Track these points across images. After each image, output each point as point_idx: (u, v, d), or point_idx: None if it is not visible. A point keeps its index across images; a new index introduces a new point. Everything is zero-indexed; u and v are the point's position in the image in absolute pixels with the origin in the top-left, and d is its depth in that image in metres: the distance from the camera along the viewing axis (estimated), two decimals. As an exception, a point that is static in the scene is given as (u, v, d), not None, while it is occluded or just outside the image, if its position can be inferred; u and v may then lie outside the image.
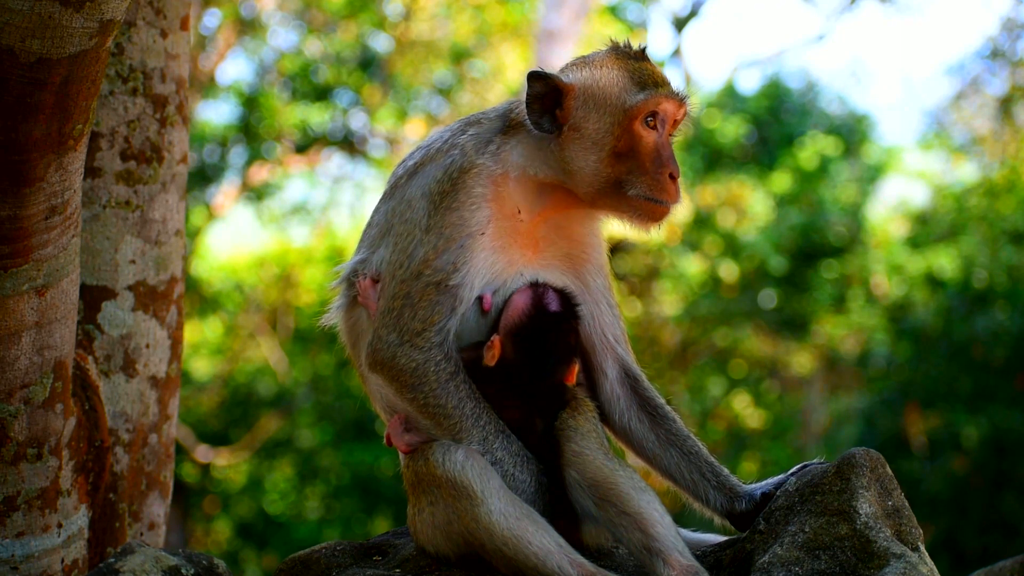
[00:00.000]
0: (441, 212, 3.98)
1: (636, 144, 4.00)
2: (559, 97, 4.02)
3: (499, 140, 4.09)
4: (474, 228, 3.98)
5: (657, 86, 4.03)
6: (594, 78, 4.04)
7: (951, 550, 15.80)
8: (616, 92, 4.01)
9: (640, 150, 4.00)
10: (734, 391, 22.02)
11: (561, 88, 4.02)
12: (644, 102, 3.99)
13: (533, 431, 3.99)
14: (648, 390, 4.21)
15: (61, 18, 3.61)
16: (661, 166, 3.99)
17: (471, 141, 4.09)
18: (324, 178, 22.66)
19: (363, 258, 4.16)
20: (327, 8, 20.62)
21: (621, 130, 3.99)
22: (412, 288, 3.97)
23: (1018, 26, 20.84)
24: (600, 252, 4.23)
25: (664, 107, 4.02)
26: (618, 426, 4.19)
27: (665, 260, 20.90)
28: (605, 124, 4.00)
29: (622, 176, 4.00)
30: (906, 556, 3.74)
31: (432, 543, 3.99)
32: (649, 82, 4.03)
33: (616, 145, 3.99)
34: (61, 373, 4.29)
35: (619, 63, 4.06)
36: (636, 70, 4.05)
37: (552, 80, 4.02)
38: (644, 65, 4.08)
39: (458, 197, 3.99)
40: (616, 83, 4.02)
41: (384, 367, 3.99)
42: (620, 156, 4.00)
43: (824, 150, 20.93)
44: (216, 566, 3.99)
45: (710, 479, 4.11)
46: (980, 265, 18.19)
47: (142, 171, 4.92)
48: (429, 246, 3.97)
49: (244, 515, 21.83)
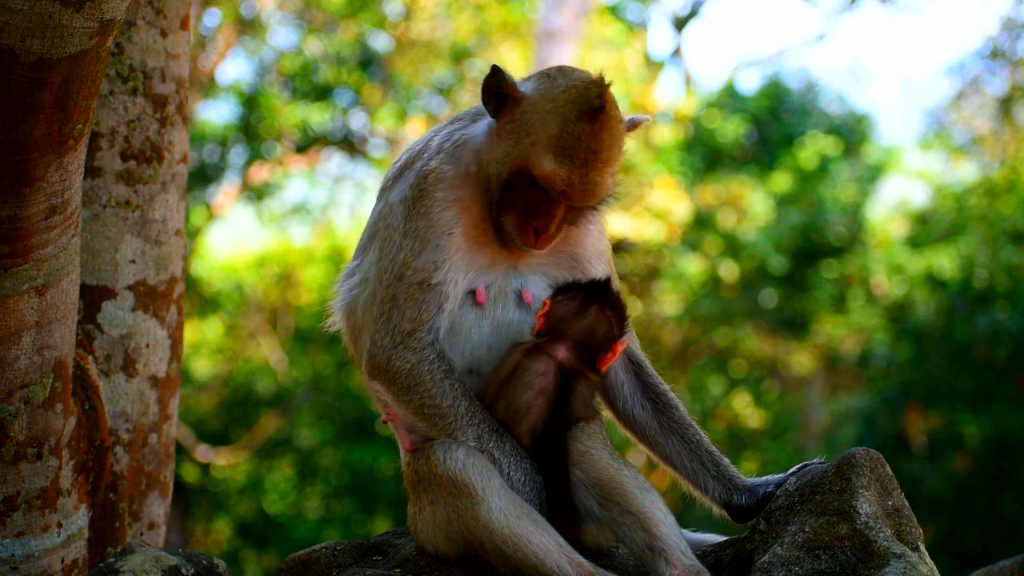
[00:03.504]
0: (414, 217, 4.02)
1: (523, 189, 3.94)
2: (508, 99, 3.98)
3: (459, 137, 4.10)
4: (444, 228, 4.00)
5: (572, 166, 3.86)
6: (537, 108, 3.92)
7: (952, 550, 15.80)
8: (535, 139, 3.90)
9: (523, 195, 3.95)
10: (734, 391, 22.03)
11: (512, 96, 3.98)
12: (543, 173, 3.89)
13: (550, 434, 3.99)
14: (652, 376, 4.22)
15: (61, 18, 3.61)
16: (531, 217, 3.95)
17: (438, 141, 4.12)
18: (324, 178, 22.66)
19: (357, 263, 4.21)
20: (327, 8, 20.62)
21: (518, 170, 3.94)
22: (397, 291, 3.99)
23: (1018, 26, 20.85)
24: (598, 238, 4.22)
25: (560, 189, 3.89)
26: (621, 412, 4.21)
27: (665, 260, 20.90)
28: (514, 153, 3.94)
29: (499, 199, 3.98)
30: (906, 556, 3.74)
31: (432, 542, 3.99)
32: (567, 157, 3.86)
33: (510, 175, 3.95)
34: (61, 373, 4.29)
35: (565, 113, 3.88)
36: (572, 134, 3.85)
37: (506, 87, 3.96)
38: (585, 131, 3.85)
39: (425, 201, 4.02)
40: (544, 131, 3.89)
41: (381, 372, 4.01)
42: (507, 185, 3.96)
43: (824, 150, 20.93)
44: (216, 566, 3.99)
45: (710, 468, 4.12)
46: (980, 265, 18.18)
47: (142, 171, 4.92)
48: (408, 249, 4.00)
49: (244, 515, 21.83)
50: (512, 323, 4.09)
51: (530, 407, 3.97)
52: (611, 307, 4.05)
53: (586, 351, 4.01)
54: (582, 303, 4.02)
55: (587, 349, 4.01)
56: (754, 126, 21.48)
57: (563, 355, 4.00)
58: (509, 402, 3.98)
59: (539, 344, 4.01)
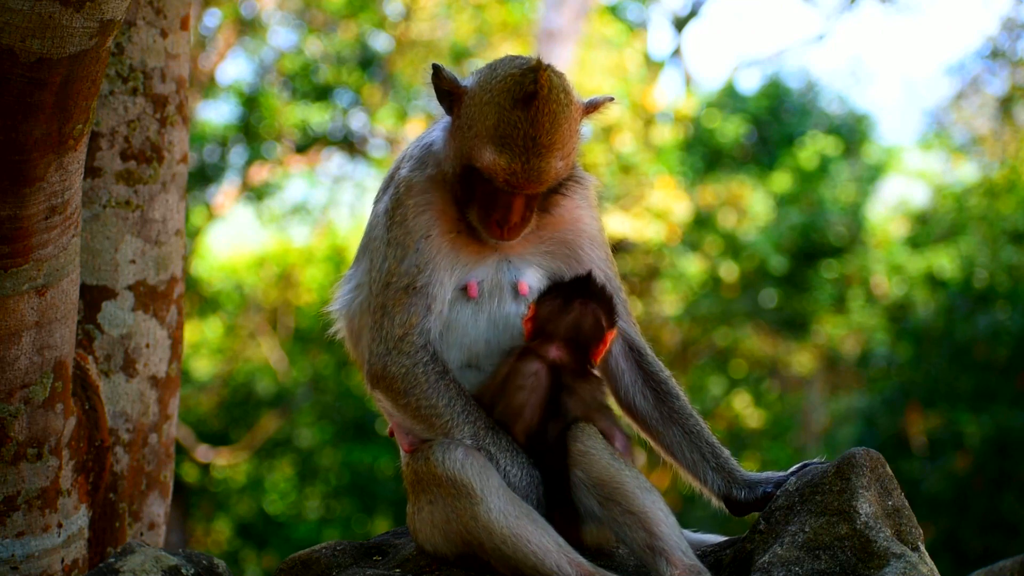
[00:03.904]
0: (393, 226, 4.06)
1: (477, 183, 3.96)
2: (455, 95, 4.00)
3: (428, 141, 4.13)
4: (421, 232, 4.03)
5: (512, 155, 3.86)
6: (475, 100, 3.93)
7: (952, 550, 15.79)
8: (475, 131, 3.91)
9: (478, 189, 3.96)
10: (734, 391, 22.04)
11: (455, 91, 4.00)
12: (484, 165, 3.89)
13: (545, 429, 3.99)
14: (653, 364, 4.22)
15: (61, 18, 3.61)
16: (491, 210, 3.96)
17: (410, 150, 4.17)
18: (324, 178, 22.66)
19: (353, 272, 4.25)
20: (327, 8, 20.61)
21: (465, 164, 3.95)
22: (386, 298, 4.02)
23: (1018, 26, 20.85)
24: (590, 223, 4.21)
25: (503, 179, 3.90)
26: (623, 401, 4.21)
27: (665, 260, 20.90)
28: (460, 148, 3.96)
29: (460, 196, 4.00)
30: (906, 556, 3.74)
31: (431, 542, 3.99)
32: (506, 146, 3.86)
33: (461, 170, 3.97)
34: (61, 373, 4.29)
35: (500, 101, 3.87)
36: (507, 122, 3.85)
37: (446, 83, 3.98)
38: (521, 118, 3.85)
39: (400, 210, 4.06)
40: (482, 123, 3.89)
41: (379, 380, 4.03)
42: (461, 180, 3.98)
43: (824, 150, 20.93)
44: (216, 566, 3.99)
45: (710, 460, 4.12)
46: (980, 265, 18.18)
47: (142, 171, 4.92)
48: (392, 257, 4.03)
49: (244, 515, 21.83)
50: (509, 316, 4.10)
51: (522, 407, 3.98)
52: (595, 299, 4.05)
53: (577, 346, 4.02)
54: (564, 300, 4.04)
55: (577, 344, 4.02)
56: (754, 126, 21.49)
57: (555, 354, 4.00)
58: (505, 405, 3.99)
59: (529, 347, 4.02)
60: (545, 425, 3.97)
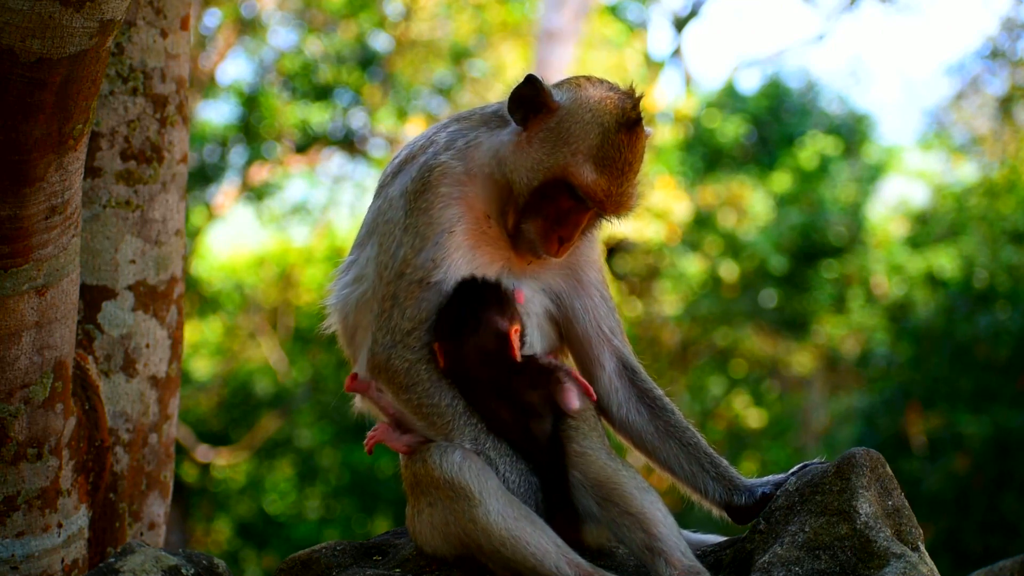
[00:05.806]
0: (415, 212, 4.01)
1: (554, 197, 3.97)
2: (541, 107, 4.00)
3: (472, 136, 4.10)
4: (445, 225, 4.00)
5: (611, 176, 3.93)
6: (575, 118, 3.97)
7: (952, 550, 15.79)
8: (574, 148, 3.94)
9: (552, 203, 3.98)
10: (734, 391, 22.02)
11: (547, 104, 4.00)
12: (584, 182, 3.93)
13: (531, 432, 3.98)
14: (646, 382, 4.21)
15: (61, 18, 3.61)
16: (557, 225, 3.98)
17: (445, 138, 4.11)
18: (324, 178, 22.66)
19: (353, 259, 4.20)
20: (327, 8, 20.61)
21: (553, 178, 3.96)
22: (397, 288, 4.00)
23: (1018, 26, 20.85)
24: (590, 246, 4.22)
25: (599, 199, 3.95)
26: (617, 418, 4.19)
27: (665, 260, 20.90)
28: (549, 161, 3.96)
29: (526, 205, 3.99)
30: (906, 556, 3.74)
31: (431, 544, 3.99)
32: (607, 167, 3.93)
33: (543, 183, 3.97)
34: (61, 373, 4.29)
35: (606, 123, 3.94)
36: (610, 145, 3.94)
37: (543, 95, 3.99)
38: (624, 141, 3.94)
39: (427, 196, 4.02)
40: (582, 140, 3.94)
41: (381, 370, 4.02)
42: (538, 192, 3.98)
43: (824, 150, 20.93)
44: (216, 566, 3.99)
45: (709, 470, 4.10)
46: (981, 265, 18.17)
47: (142, 171, 4.92)
48: (408, 246, 4.00)
49: (244, 515, 21.83)
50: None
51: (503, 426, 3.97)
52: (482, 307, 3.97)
53: (496, 359, 3.97)
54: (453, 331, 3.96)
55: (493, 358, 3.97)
56: (754, 126, 21.49)
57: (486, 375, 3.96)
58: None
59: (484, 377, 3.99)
60: (527, 429, 3.96)
